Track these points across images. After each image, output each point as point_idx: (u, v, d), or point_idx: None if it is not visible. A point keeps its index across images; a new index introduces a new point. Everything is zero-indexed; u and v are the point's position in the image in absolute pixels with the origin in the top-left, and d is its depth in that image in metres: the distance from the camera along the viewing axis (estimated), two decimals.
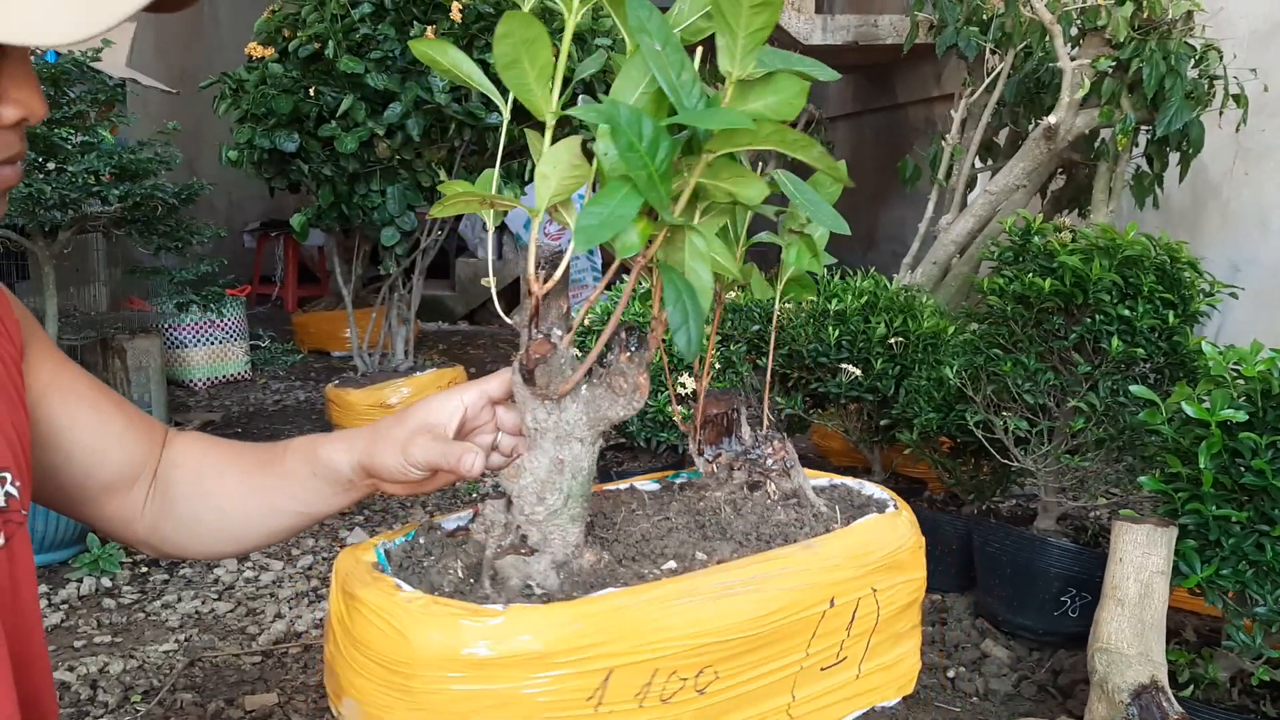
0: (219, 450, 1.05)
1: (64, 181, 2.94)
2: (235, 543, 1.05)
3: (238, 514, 1.02)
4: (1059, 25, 3.27)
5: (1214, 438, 1.63)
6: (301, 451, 1.00)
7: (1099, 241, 2.10)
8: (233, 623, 2.50)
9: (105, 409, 0.98)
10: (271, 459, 1.02)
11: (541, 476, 0.94)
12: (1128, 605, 1.59)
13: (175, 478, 1.02)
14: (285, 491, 1.00)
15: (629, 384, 0.95)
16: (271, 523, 1.02)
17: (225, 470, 1.03)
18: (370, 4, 3.55)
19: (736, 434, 1.17)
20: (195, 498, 1.02)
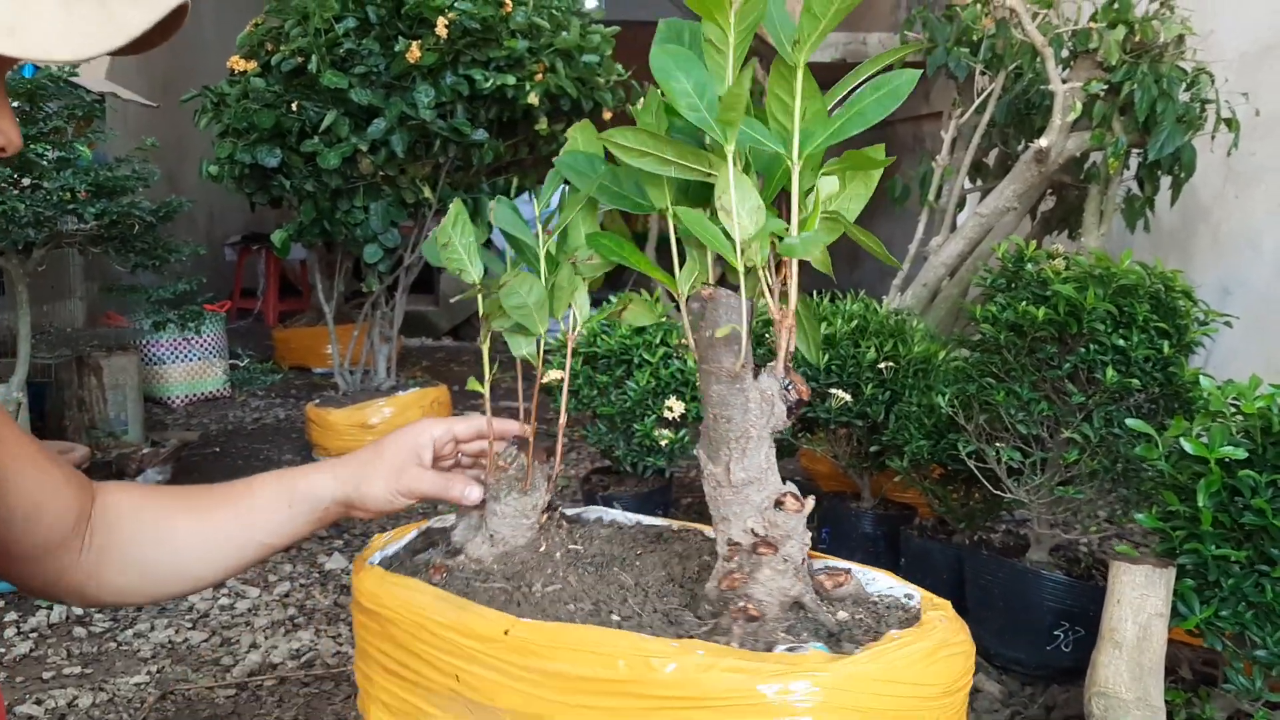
0: (162, 495, 1.06)
1: (39, 199, 2.88)
2: (193, 581, 1.04)
3: (195, 552, 1.02)
4: (1050, 48, 3.25)
5: (1213, 475, 1.59)
6: (273, 484, 1.03)
7: (1093, 270, 2.06)
8: (207, 653, 2.43)
9: (43, 464, 0.95)
10: (232, 495, 1.03)
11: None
12: (1125, 648, 1.55)
13: (120, 524, 1.00)
14: (252, 523, 1.02)
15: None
16: (234, 557, 1.03)
17: (174, 511, 1.02)
18: (354, 19, 3.50)
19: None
20: (146, 542, 1.00)
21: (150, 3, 0.70)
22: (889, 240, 6.02)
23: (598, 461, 3.49)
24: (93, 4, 0.68)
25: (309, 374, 5.83)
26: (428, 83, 3.50)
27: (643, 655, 0.87)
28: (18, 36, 0.65)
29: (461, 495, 0.99)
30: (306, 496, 1.01)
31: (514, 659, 0.92)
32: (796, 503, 0.99)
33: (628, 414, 2.92)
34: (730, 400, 0.96)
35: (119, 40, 0.68)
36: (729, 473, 0.98)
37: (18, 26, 0.65)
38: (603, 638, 0.90)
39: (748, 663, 0.85)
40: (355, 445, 3.86)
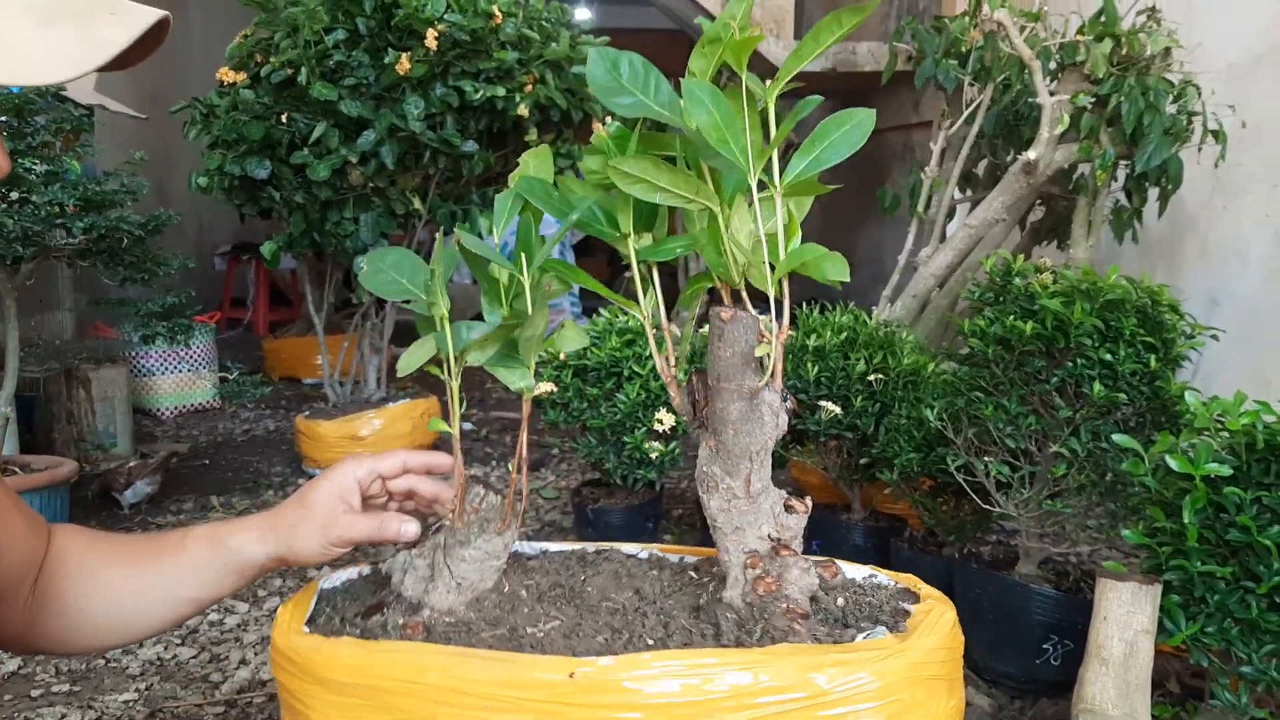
0: (104, 544, 1.03)
1: (27, 213, 2.87)
2: (124, 633, 1.03)
3: (129, 605, 1.00)
4: (1038, 60, 3.26)
5: (1198, 491, 1.60)
6: (205, 541, 1.00)
7: (1080, 284, 2.07)
8: (195, 670, 2.42)
9: (8, 512, 0.93)
10: (166, 549, 1.00)
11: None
12: (1112, 665, 1.55)
13: (60, 573, 0.99)
14: (184, 580, 0.99)
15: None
16: (166, 612, 1.01)
17: (112, 563, 1.00)
18: (344, 30, 3.50)
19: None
20: (82, 593, 0.98)
21: (129, 20, 0.71)
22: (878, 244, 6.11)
23: (588, 474, 3.49)
24: (72, 26, 0.68)
25: (299, 385, 5.81)
26: (417, 94, 3.50)
27: (740, 667, 0.87)
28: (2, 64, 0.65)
29: (398, 534, 0.96)
30: (237, 556, 0.99)
31: (584, 699, 0.86)
32: (801, 504, 1.07)
33: (618, 426, 2.93)
34: (751, 416, 1.01)
35: (100, 60, 0.69)
36: (748, 485, 1.02)
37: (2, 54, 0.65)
38: (686, 659, 0.88)
39: (856, 654, 0.92)
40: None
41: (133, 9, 0.73)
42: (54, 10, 0.68)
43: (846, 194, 8.47)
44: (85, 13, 0.70)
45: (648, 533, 3.07)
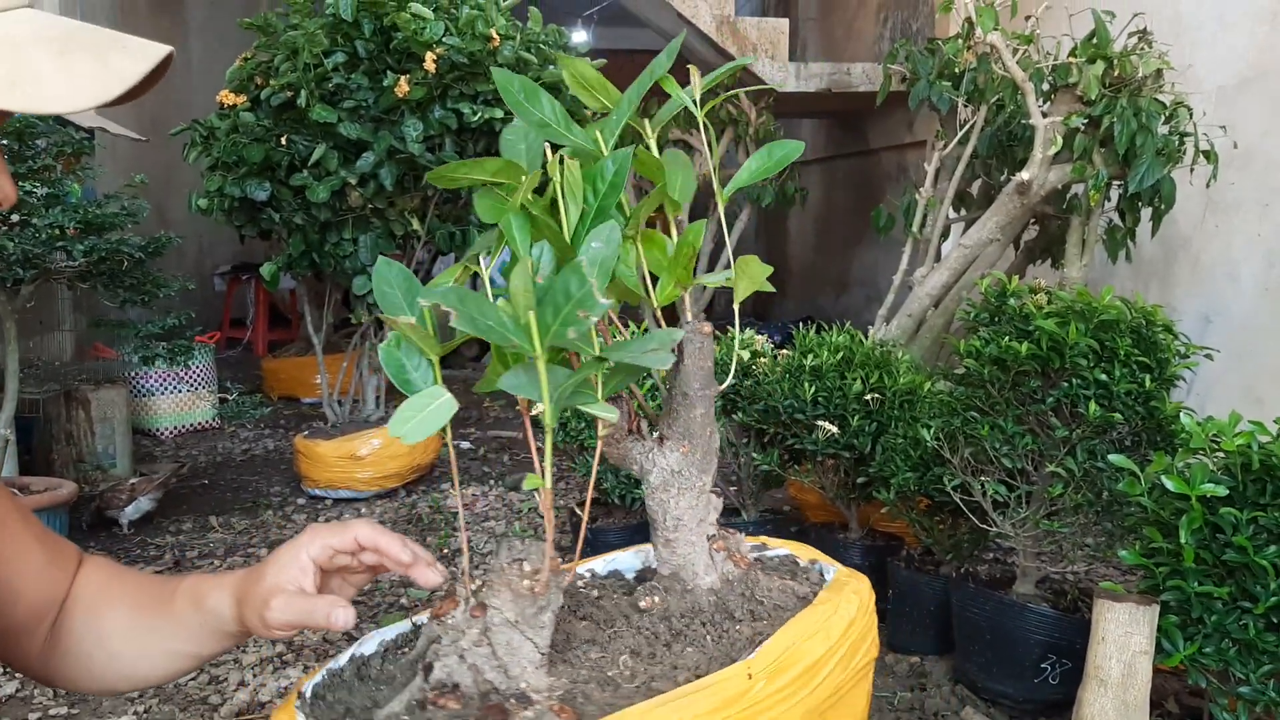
0: (118, 583, 1.01)
1: (28, 236, 2.89)
2: (127, 681, 1.01)
3: (128, 655, 0.98)
4: (1031, 82, 3.29)
5: (1194, 512, 1.61)
6: (188, 599, 0.97)
7: (1075, 305, 2.09)
8: (194, 691, 2.42)
9: (26, 542, 0.93)
10: (161, 601, 0.98)
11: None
12: (1110, 686, 1.56)
13: (73, 613, 0.98)
14: (178, 635, 0.97)
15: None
16: (164, 665, 0.99)
17: (119, 607, 0.98)
18: (343, 53, 3.53)
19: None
20: (88, 637, 0.98)
21: (142, 53, 0.74)
22: (873, 264, 6.14)
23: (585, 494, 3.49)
24: (88, 56, 0.71)
25: (298, 404, 5.82)
26: (416, 116, 3.53)
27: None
28: (19, 90, 0.68)
29: (328, 620, 0.86)
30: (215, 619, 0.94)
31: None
32: (718, 493, 1.17)
33: None
34: (712, 418, 1.10)
35: (116, 90, 0.71)
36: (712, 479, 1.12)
37: (18, 81, 0.68)
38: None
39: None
40: (344, 477, 3.87)
41: (140, 44, 0.76)
42: (70, 44, 0.72)
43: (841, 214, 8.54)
44: (99, 46, 0.73)
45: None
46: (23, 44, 0.70)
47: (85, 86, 0.70)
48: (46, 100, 0.69)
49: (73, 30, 0.74)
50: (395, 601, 2.94)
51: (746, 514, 3.06)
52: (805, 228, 8.40)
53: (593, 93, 1.06)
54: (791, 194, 6.47)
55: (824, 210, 7.98)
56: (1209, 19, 3.77)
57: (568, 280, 0.84)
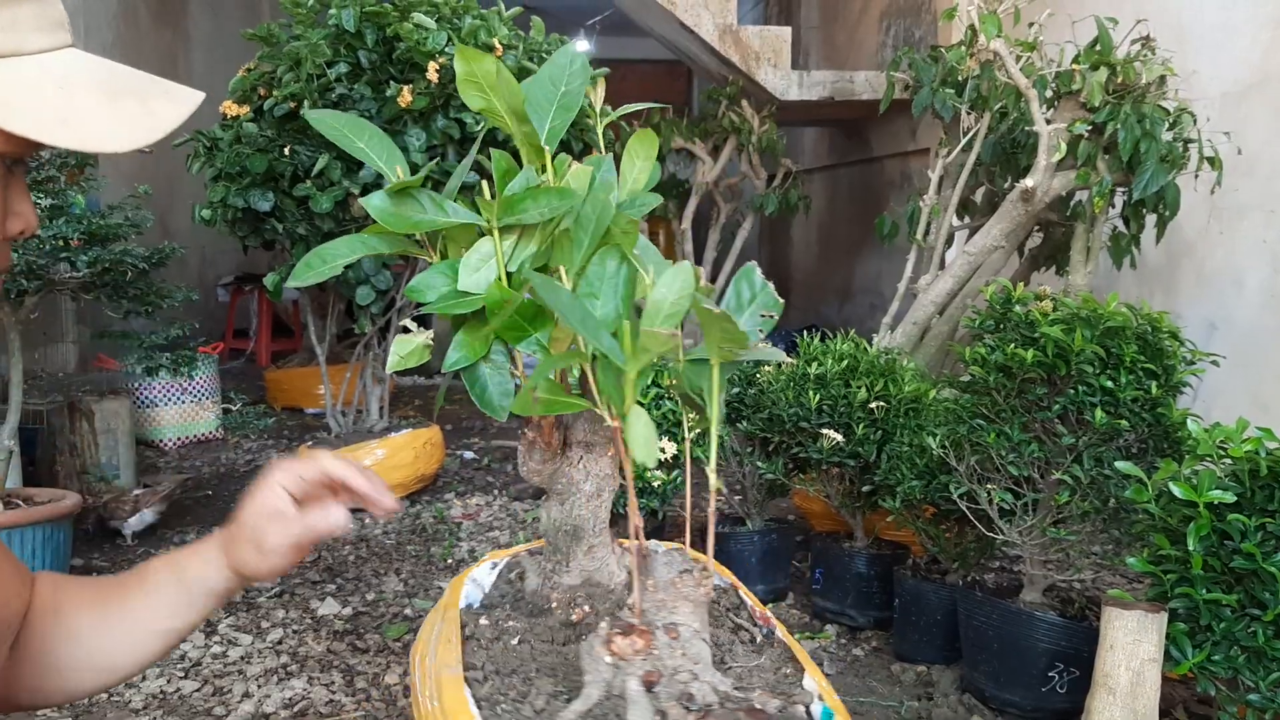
0: (72, 588, 1.02)
1: (31, 247, 2.89)
2: (107, 674, 1.01)
3: (105, 646, 0.98)
4: (1034, 89, 3.29)
5: (1202, 519, 1.60)
6: (166, 571, 0.99)
7: (1080, 312, 2.08)
8: (199, 703, 2.41)
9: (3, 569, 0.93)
10: (131, 585, 0.99)
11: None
12: (1119, 694, 1.55)
13: (36, 623, 0.98)
14: (155, 614, 0.98)
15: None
16: (142, 648, 1.00)
17: (82, 607, 0.99)
18: (346, 64, 3.54)
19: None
20: (58, 640, 0.98)
21: (182, 99, 0.81)
22: (877, 273, 6.12)
23: None
24: (135, 101, 0.77)
25: (301, 415, 5.81)
26: (419, 126, 3.53)
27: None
28: (70, 128, 0.73)
29: (330, 527, 0.92)
30: (200, 583, 0.97)
31: None
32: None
33: None
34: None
35: (157, 134, 0.77)
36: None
37: (71, 120, 0.73)
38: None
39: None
40: None
41: (180, 91, 0.83)
42: (117, 86, 0.77)
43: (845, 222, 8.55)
44: (145, 92, 0.79)
45: None
46: (75, 84, 0.74)
47: (129, 129, 0.75)
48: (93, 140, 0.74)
49: (117, 73, 0.79)
50: (399, 612, 2.93)
51: (751, 523, 3.05)
52: (809, 236, 8.40)
53: (484, 93, 1.04)
54: (795, 202, 6.47)
55: (827, 218, 7.98)
56: (1213, 25, 3.77)
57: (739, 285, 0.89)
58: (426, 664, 1.11)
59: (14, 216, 0.81)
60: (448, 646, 1.07)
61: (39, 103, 0.72)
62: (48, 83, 0.73)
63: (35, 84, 0.72)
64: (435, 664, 1.06)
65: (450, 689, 1.00)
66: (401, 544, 3.56)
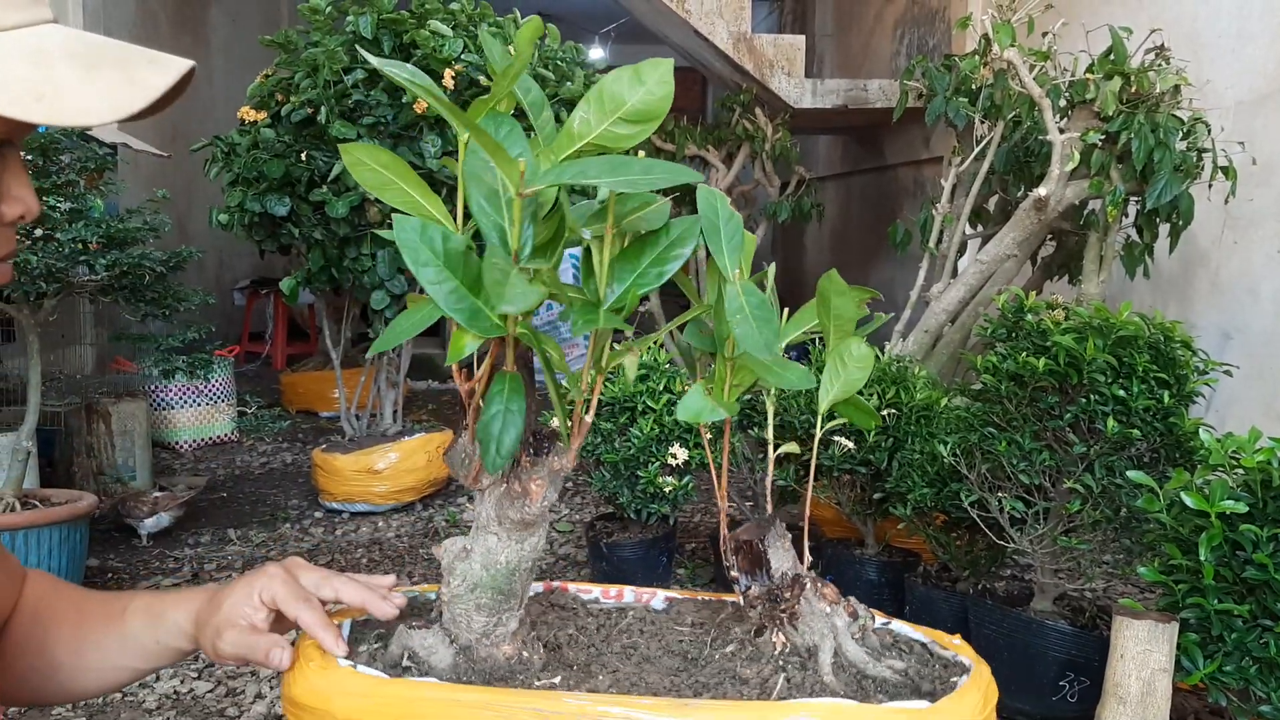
0: (62, 598, 1.02)
1: (51, 250, 2.92)
2: (64, 693, 1.02)
3: (69, 667, 0.99)
4: (1048, 98, 3.29)
5: (1214, 529, 1.60)
6: (143, 615, 0.99)
7: (1093, 321, 2.08)
8: (212, 704, 2.43)
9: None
10: (110, 617, 0.99)
11: (449, 559, 0.95)
12: (1129, 704, 1.55)
13: (19, 626, 0.99)
14: (125, 650, 0.98)
15: (520, 489, 0.94)
16: (107, 678, 1.00)
17: (61, 620, 1.00)
18: (363, 70, 3.57)
19: (766, 567, 1.09)
20: (30, 649, 0.98)
21: (167, 66, 0.75)
22: (890, 280, 6.13)
23: (602, 508, 3.50)
24: (114, 69, 0.72)
25: (316, 418, 5.85)
26: (435, 133, 3.55)
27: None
28: (46, 103, 0.68)
29: (266, 659, 0.89)
30: (173, 634, 0.97)
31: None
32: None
33: (631, 461, 2.94)
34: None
35: (140, 103, 0.72)
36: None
37: (45, 94, 0.69)
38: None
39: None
40: (361, 491, 3.88)
41: (167, 58, 0.76)
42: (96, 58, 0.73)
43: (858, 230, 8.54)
44: (126, 61, 0.74)
45: (661, 566, 3.07)
46: (51, 57, 0.70)
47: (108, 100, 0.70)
48: (70, 113, 0.69)
49: (100, 45, 0.75)
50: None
51: None
52: (822, 243, 8.40)
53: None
54: (808, 209, 6.48)
55: (840, 226, 7.98)
56: (1227, 34, 3.77)
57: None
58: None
59: (12, 200, 0.78)
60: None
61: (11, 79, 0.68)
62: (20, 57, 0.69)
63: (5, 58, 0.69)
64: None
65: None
66: (414, 547, 3.58)
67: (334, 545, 3.61)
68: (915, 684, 0.95)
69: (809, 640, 0.99)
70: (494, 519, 0.94)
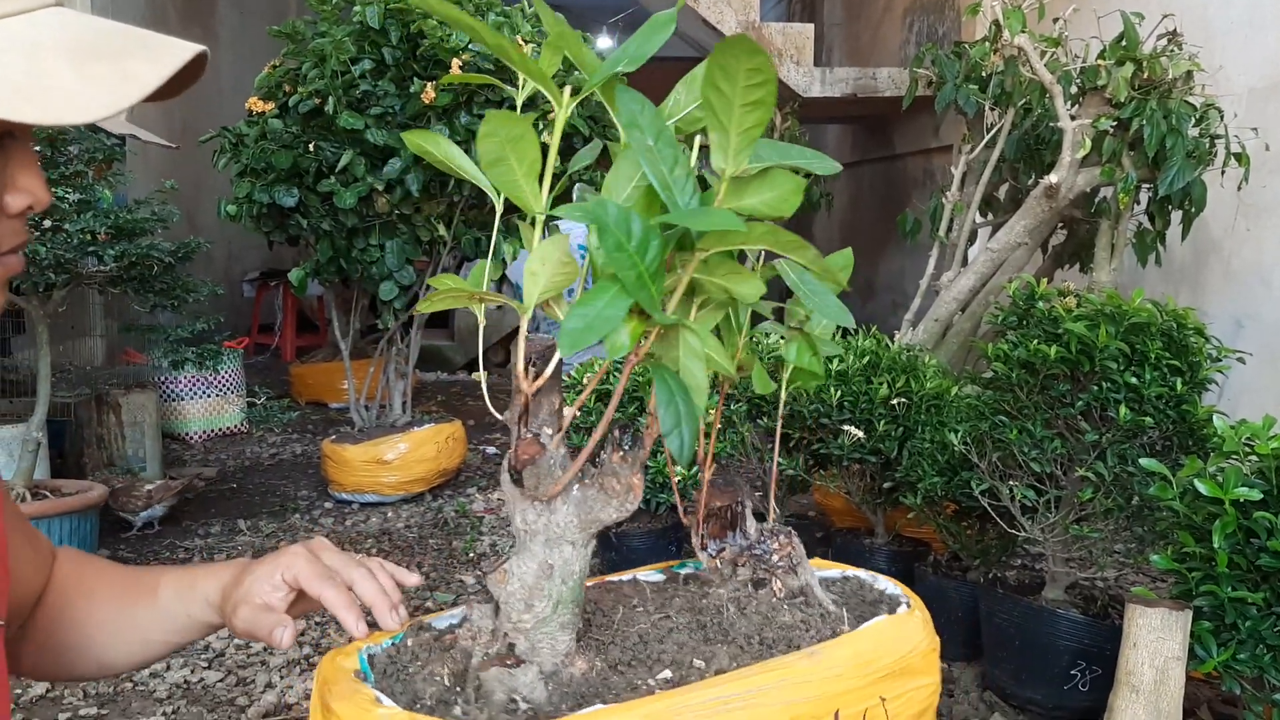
0: (93, 573, 1.02)
1: (59, 241, 2.92)
2: (97, 668, 1.02)
3: (102, 642, 0.99)
4: (1059, 85, 3.27)
5: (1228, 516, 1.59)
6: (175, 588, 0.99)
7: (1105, 308, 2.07)
8: (222, 693, 2.44)
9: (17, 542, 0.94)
10: (143, 590, 0.99)
11: (529, 582, 0.90)
12: (1143, 692, 1.54)
13: (51, 604, 0.99)
14: (157, 625, 0.99)
15: (621, 485, 0.92)
16: (138, 652, 1.01)
17: (94, 594, 1.00)
18: (370, 60, 3.56)
19: (741, 527, 1.13)
20: (63, 625, 0.99)
21: (164, 57, 0.72)
22: (899, 270, 6.12)
23: None
24: (107, 64, 0.69)
25: (325, 409, 5.86)
26: (443, 122, 3.55)
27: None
28: (34, 103, 0.65)
29: (268, 636, 0.89)
30: (203, 606, 0.97)
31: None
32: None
33: None
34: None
35: (134, 97, 0.69)
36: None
37: (34, 94, 0.66)
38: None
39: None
40: (371, 481, 3.89)
41: (168, 46, 0.73)
42: (89, 52, 0.69)
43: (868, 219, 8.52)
44: (121, 53, 0.71)
45: (671, 555, 3.07)
46: (44, 50, 0.67)
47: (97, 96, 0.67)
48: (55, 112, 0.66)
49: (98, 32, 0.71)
50: (420, 605, 2.95)
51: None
52: (831, 233, 8.37)
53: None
54: (817, 199, 6.46)
55: (850, 215, 7.95)
56: (1239, 20, 3.73)
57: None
58: None
59: (17, 192, 0.75)
60: None
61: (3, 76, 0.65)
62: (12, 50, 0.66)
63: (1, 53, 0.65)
64: None
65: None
66: (423, 537, 3.58)
67: (343, 536, 3.61)
68: (859, 609, 1.08)
69: (800, 581, 1.07)
70: (574, 525, 0.90)
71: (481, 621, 0.95)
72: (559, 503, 0.90)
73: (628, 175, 0.90)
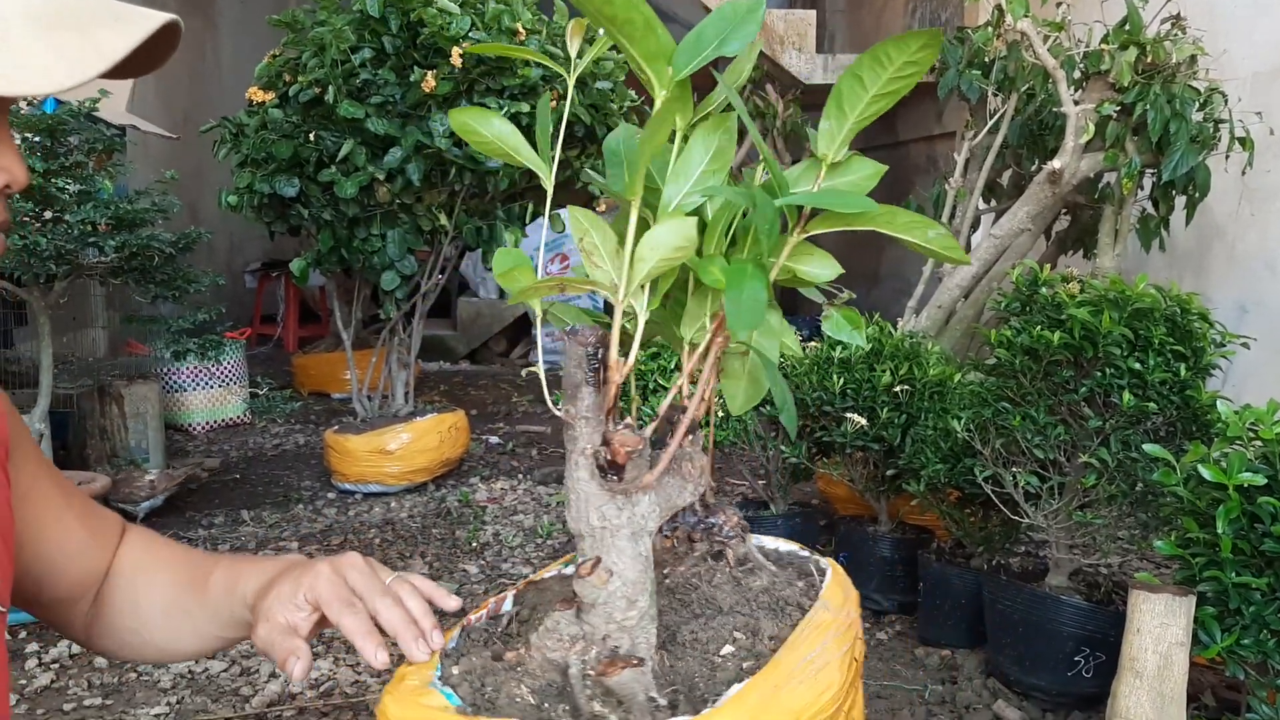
0: (158, 558, 1.01)
1: (60, 232, 2.92)
2: (158, 653, 1.02)
3: (160, 630, 0.99)
4: (1062, 70, 3.25)
5: (1232, 502, 1.58)
6: (223, 581, 0.96)
7: (1108, 293, 2.06)
8: (226, 683, 2.44)
9: (68, 522, 0.94)
10: (197, 580, 0.97)
11: (631, 578, 0.87)
12: (1146, 678, 1.54)
13: (115, 586, 0.99)
14: (206, 618, 0.97)
15: (695, 468, 0.92)
16: (195, 643, 0.99)
17: (154, 578, 0.99)
18: (371, 49, 3.55)
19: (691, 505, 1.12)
20: (126, 610, 0.99)
21: (132, 28, 0.70)
22: (902, 261, 6.08)
23: None
24: (72, 33, 0.67)
25: (328, 399, 5.86)
26: (443, 111, 3.53)
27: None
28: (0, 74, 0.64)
29: (282, 666, 0.85)
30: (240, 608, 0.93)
31: None
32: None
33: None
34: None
35: (101, 66, 0.67)
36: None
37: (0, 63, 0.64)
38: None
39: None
40: (373, 471, 3.89)
41: (139, 16, 0.71)
42: (55, 20, 0.67)
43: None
44: (88, 22, 0.69)
45: None
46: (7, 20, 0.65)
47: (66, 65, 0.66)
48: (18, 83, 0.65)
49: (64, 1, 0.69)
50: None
51: (775, 507, 3.04)
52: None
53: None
54: None
55: None
56: (1243, 4, 3.71)
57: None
58: None
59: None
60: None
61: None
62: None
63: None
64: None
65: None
66: (427, 527, 3.58)
67: (347, 526, 3.61)
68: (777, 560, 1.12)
69: (745, 548, 1.09)
70: (656, 514, 0.88)
71: (567, 629, 0.90)
72: (639, 494, 0.87)
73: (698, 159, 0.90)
